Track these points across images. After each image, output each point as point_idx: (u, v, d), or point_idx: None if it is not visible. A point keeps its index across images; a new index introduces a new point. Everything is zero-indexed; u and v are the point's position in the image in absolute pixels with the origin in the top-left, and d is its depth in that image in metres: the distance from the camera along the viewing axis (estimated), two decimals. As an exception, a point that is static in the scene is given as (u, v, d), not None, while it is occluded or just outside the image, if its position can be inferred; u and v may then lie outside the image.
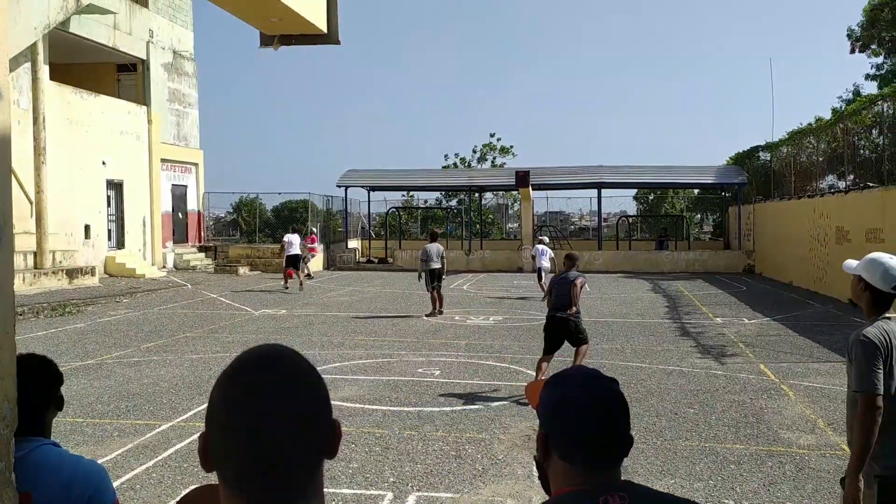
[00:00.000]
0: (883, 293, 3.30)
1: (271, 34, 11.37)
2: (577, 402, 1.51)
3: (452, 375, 9.65)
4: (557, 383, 1.58)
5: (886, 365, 3.19)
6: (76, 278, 21.34)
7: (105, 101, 25.07)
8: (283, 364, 1.14)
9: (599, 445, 1.49)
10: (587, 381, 1.56)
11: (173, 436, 7.00)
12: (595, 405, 1.50)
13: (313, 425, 1.11)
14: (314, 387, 1.14)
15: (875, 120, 19.54)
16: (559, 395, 1.54)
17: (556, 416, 1.53)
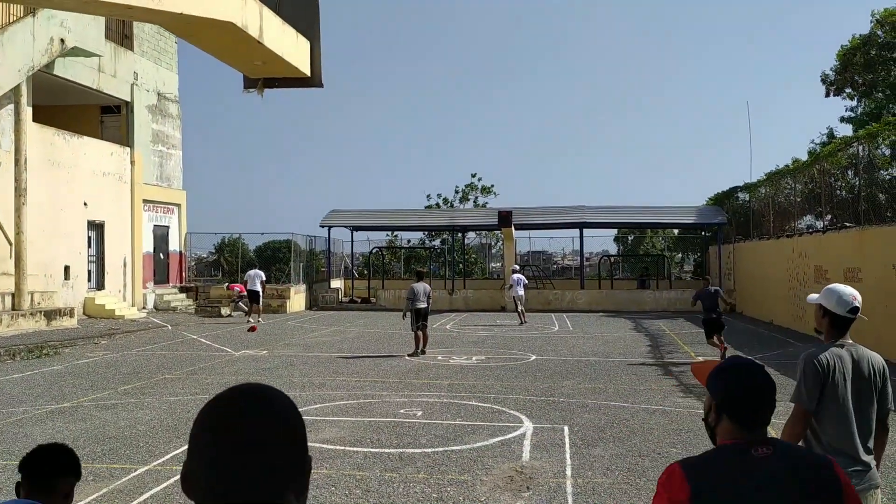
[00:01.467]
0: (839, 317, 3.71)
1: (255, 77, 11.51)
2: (743, 385, 2.21)
3: (435, 416, 9.58)
4: (729, 369, 2.28)
5: (822, 389, 3.57)
6: (54, 320, 21.09)
7: (88, 143, 25.06)
8: (259, 399, 1.20)
9: (753, 412, 2.18)
10: (748, 370, 2.25)
11: (149, 480, 6.88)
12: (754, 387, 2.20)
13: (283, 460, 1.16)
14: (289, 423, 1.19)
15: (850, 161, 19.92)
16: (731, 378, 2.24)
17: (727, 393, 2.23)
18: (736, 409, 2.19)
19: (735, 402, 2.20)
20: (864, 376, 3.65)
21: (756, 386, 2.19)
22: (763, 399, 2.18)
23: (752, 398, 2.18)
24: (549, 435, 8.54)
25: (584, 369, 13.61)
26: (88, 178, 24.73)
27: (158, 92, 29.20)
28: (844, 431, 3.60)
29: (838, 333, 3.74)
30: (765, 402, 2.18)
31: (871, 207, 17.85)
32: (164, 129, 29.67)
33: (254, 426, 1.17)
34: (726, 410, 2.21)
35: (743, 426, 2.17)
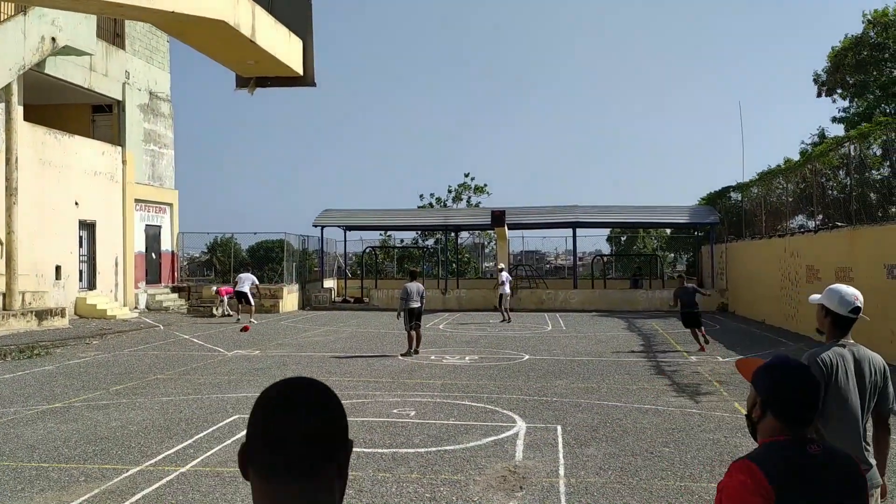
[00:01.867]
0: (841, 317, 3.75)
1: (248, 76, 11.48)
2: (790, 384, 2.29)
3: (428, 416, 9.57)
4: (777, 367, 2.36)
5: (826, 388, 3.57)
6: (46, 320, 21.00)
7: (79, 142, 24.96)
8: (307, 386, 1.43)
9: (801, 411, 2.26)
10: (796, 369, 2.33)
11: (142, 480, 6.85)
12: (801, 386, 2.28)
13: (325, 440, 1.38)
14: (332, 408, 1.41)
15: (842, 161, 20.01)
16: (778, 376, 2.33)
17: (774, 390, 2.31)
18: (783, 408, 2.29)
19: (783, 400, 2.29)
20: (866, 376, 3.69)
21: (804, 385, 2.29)
22: (810, 398, 2.28)
23: (799, 397, 2.28)
24: (542, 434, 8.54)
25: (577, 369, 13.63)
26: (80, 178, 24.63)
27: (150, 91, 29.11)
28: (847, 430, 3.65)
29: (840, 333, 3.77)
30: (812, 402, 2.29)
31: (863, 207, 17.93)
32: (156, 129, 29.58)
33: (303, 408, 1.38)
34: (772, 408, 2.31)
35: (788, 424, 2.27)
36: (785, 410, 2.28)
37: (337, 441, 1.39)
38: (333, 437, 1.39)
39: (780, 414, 2.28)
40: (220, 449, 7.89)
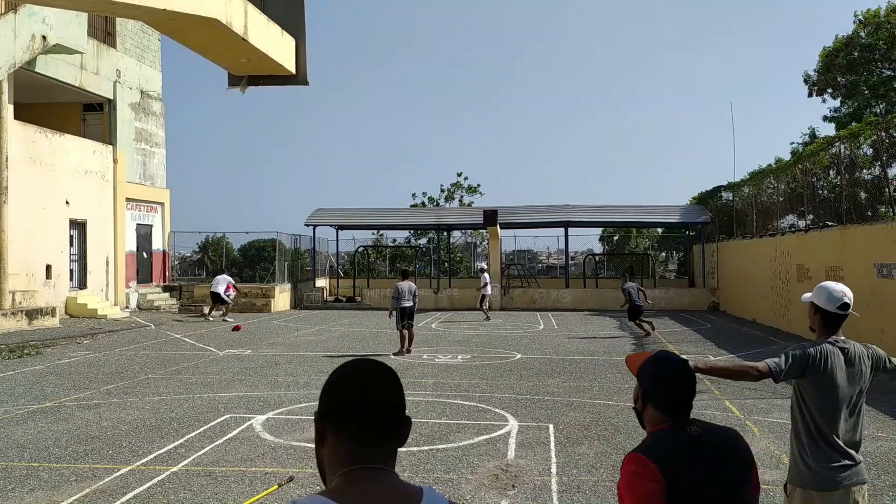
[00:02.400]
0: (830, 314, 3.79)
1: (240, 75, 11.44)
2: (667, 377, 2.53)
3: (420, 415, 9.57)
4: (656, 362, 2.59)
5: (802, 372, 3.71)
6: (36, 319, 20.90)
7: (70, 141, 24.85)
8: (385, 365, 1.66)
9: (679, 401, 2.50)
10: (672, 363, 2.58)
11: (133, 480, 6.83)
12: (676, 379, 2.52)
13: (402, 409, 1.64)
14: (399, 382, 1.66)
15: (832, 161, 20.10)
16: (656, 370, 2.56)
17: (653, 383, 2.55)
18: (661, 399, 2.52)
19: (660, 392, 2.52)
20: (856, 372, 3.73)
21: (679, 378, 2.53)
22: (684, 389, 2.52)
23: (675, 389, 2.51)
24: (534, 433, 8.56)
25: (569, 368, 13.65)
26: (70, 177, 24.52)
27: (141, 89, 29.00)
28: (834, 427, 3.69)
29: (830, 330, 3.81)
30: (686, 392, 2.52)
31: (853, 207, 18.02)
32: (148, 128, 29.46)
33: (386, 381, 1.62)
34: (652, 399, 2.55)
35: (667, 413, 2.51)
36: (662, 401, 2.51)
37: (406, 410, 1.65)
38: (405, 407, 1.64)
39: (658, 404, 2.52)
40: (212, 448, 7.87)
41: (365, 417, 1.57)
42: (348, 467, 1.55)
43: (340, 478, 1.55)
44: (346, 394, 1.59)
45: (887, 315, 14.21)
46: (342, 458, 1.57)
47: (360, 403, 1.57)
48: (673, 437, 2.44)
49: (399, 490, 1.55)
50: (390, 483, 1.56)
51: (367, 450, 1.57)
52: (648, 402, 2.56)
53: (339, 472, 1.56)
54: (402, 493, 1.55)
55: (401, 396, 1.63)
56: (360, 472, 1.55)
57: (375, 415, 1.57)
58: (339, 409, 1.59)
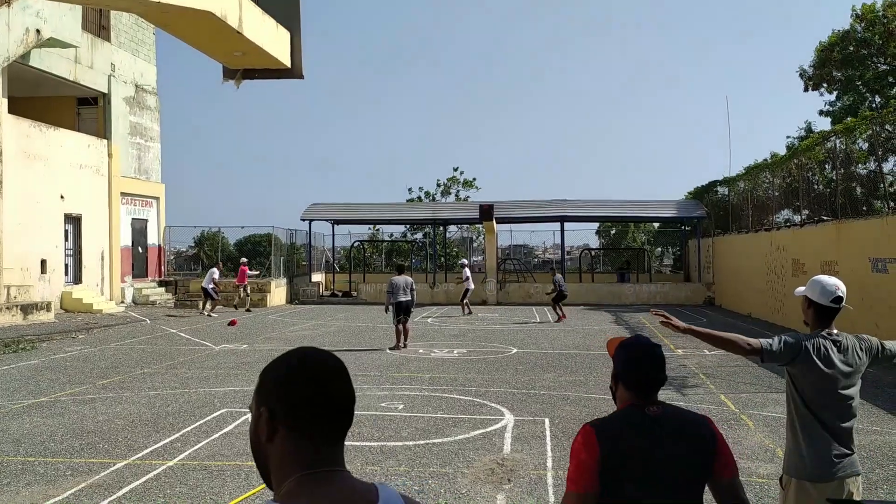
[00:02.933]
0: (823, 307, 3.82)
1: (234, 68, 11.41)
2: (637, 359, 2.67)
3: (416, 409, 9.58)
4: (628, 346, 2.74)
5: (793, 359, 3.73)
6: (31, 314, 20.85)
7: (64, 135, 24.76)
8: (335, 357, 1.59)
9: (645, 382, 2.65)
10: (642, 347, 2.70)
11: (129, 474, 6.82)
12: (646, 362, 2.66)
13: (351, 403, 1.56)
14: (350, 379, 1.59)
15: (827, 155, 20.13)
16: (627, 354, 2.71)
17: (623, 365, 2.70)
18: (629, 379, 2.68)
19: (629, 373, 2.69)
20: (850, 364, 3.75)
21: (648, 361, 2.67)
22: (652, 371, 2.66)
23: (643, 371, 2.66)
24: (530, 427, 8.57)
25: (565, 362, 13.67)
26: (65, 171, 24.44)
27: (136, 84, 28.89)
28: (827, 418, 3.72)
29: (823, 324, 3.84)
30: (651, 375, 2.66)
31: (848, 201, 18.06)
32: (142, 122, 29.37)
33: (340, 378, 1.54)
34: (623, 379, 2.71)
35: (636, 392, 2.66)
36: (630, 381, 2.68)
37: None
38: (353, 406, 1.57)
39: (627, 384, 2.69)
40: (208, 443, 7.87)
41: (324, 416, 1.48)
42: (305, 470, 1.47)
43: (297, 482, 1.46)
44: (302, 388, 1.49)
45: (882, 309, 14.25)
46: (297, 460, 1.48)
47: (318, 399, 1.48)
48: (629, 416, 2.62)
49: (357, 490, 1.49)
50: (348, 484, 1.49)
51: (324, 449, 1.49)
52: (619, 381, 2.73)
53: (294, 476, 1.47)
54: (361, 493, 1.49)
55: (353, 389, 1.56)
56: (320, 474, 1.47)
57: (334, 412, 1.50)
58: (294, 406, 1.48)
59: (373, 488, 1.52)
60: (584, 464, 2.54)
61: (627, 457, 2.51)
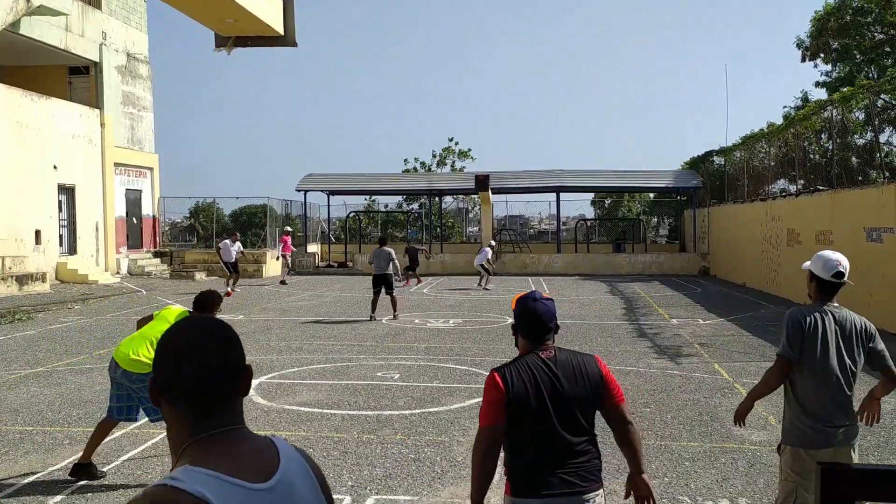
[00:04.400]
0: (825, 281, 3.94)
1: (226, 36, 11.29)
2: (528, 310, 3.15)
3: (412, 379, 9.64)
4: (521, 300, 3.20)
5: (804, 341, 3.86)
6: (26, 285, 20.83)
7: (56, 104, 24.53)
8: (214, 324, 1.62)
9: (535, 331, 3.15)
10: (535, 300, 3.17)
11: (126, 443, 6.87)
12: (535, 313, 3.14)
13: (236, 367, 1.58)
14: (235, 342, 1.61)
15: (824, 125, 20.07)
16: (522, 306, 3.17)
17: (518, 317, 3.18)
18: (523, 328, 3.16)
19: (523, 323, 3.16)
20: (847, 336, 3.85)
21: (536, 313, 3.13)
22: (539, 322, 3.13)
23: (533, 321, 3.13)
24: (525, 396, 8.62)
25: (561, 332, 13.63)
26: (58, 141, 24.26)
27: (128, 52, 28.57)
28: (827, 387, 3.84)
29: (825, 297, 3.96)
30: (539, 324, 3.13)
31: (844, 171, 18.05)
32: (135, 91, 29.10)
33: (212, 346, 1.55)
34: (519, 329, 3.19)
35: (529, 340, 3.15)
36: (524, 331, 3.15)
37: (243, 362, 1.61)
38: (241, 360, 1.60)
39: (523, 333, 3.16)
40: (205, 412, 7.91)
41: (196, 386, 1.51)
42: (196, 436, 1.50)
43: (195, 447, 1.49)
44: (171, 360, 1.53)
45: (876, 279, 14.31)
46: (184, 426, 1.52)
47: (187, 371, 1.51)
48: (526, 360, 3.09)
49: (255, 444, 1.54)
50: (244, 440, 1.54)
51: (209, 415, 1.51)
52: (517, 331, 3.21)
53: (186, 443, 1.51)
54: (259, 447, 1.54)
55: (234, 355, 1.57)
56: (213, 437, 1.50)
57: (210, 381, 1.52)
58: (169, 377, 1.53)
59: (270, 442, 1.58)
60: (494, 401, 3.01)
61: (528, 394, 2.99)
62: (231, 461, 1.47)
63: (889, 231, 14.00)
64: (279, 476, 1.51)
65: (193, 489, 1.38)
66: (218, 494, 1.40)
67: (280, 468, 1.52)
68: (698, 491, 5.68)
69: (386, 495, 5.59)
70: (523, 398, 2.99)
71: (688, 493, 5.65)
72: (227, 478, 1.44)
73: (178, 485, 1.38)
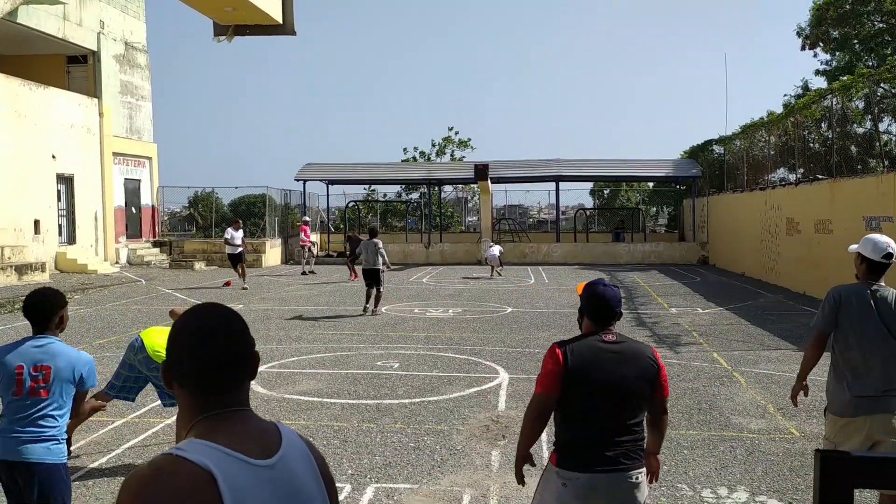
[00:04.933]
0: (875, 262, 4.22)
1: (225, 24, 11.24)
2: (597, 294, 3.38)
3: (411, 368, 9.66)
4: (591, 285, 3.46)
5: (839, 315, 4.18)
6: (26, 274, 20.82)
7: (54, 94, 24.46)
8: (225, 311, 1.70)
9: (604, 315, 3.36)
10: (604, 285, 3.42)
11: (127, 432, 6.90)
12: (603, 297, 3.36)
13: (245, 352, 1.66)
14: (244, 328, 1.68)
15: (824, 114, 20.03)
16: (590, 291, 3.42)
17: (586, 301, 3.41)
18: (591, 311, 3.39)
19: (590, 306, 3.39)
20: (889, 311, 4.12)
21: (604, 298, 3.35)
22: (607, 305, 3.35)
23: (601, 304, 3.36)
24: (524, 385, 8.65)
25: (560, 321, 13.75)
26: (56, 130, 24.19)
27: (126, 41, 28.45)
28: (866, 359, 4.14)
29: (874, 277, 4.25)
30: (606, 309, 3.35)
31: (843, 160, 18.03)
32: (133, 80, 29.00)
33: (221, 324, 1.64)
34: (585, 312, 3.42)
35: (595, 322, 3.37)
36: (591, 314, 3.39)
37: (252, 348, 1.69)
38: (250, 345, 1.68)
39: (588, 316, 3.40)
40: (205, 401, 7.93)
41: (204, 369, 1.60)
42: (202, 416, 1.58)
43: (202, 423, 1.57)
44: (182, 344, 1.62)
45: (874, 268, 14.33)
46: (192, 406, 1.61)
47: (196, 354, 1.60)
48: (588, 339, 3.32)
49: (259, 426, 1.62)
50: (249, 420, 1.61)
51: (217, 397, 1.60)
52: (584, 314, 3.44)
53: (195, 419, 1.59)
54: (263, 428, 1.62)
55: (243, 341, 1.65)
56: (219, 416, 1.58)
57: (216, 365, 1.60)
58: (178, 360, 1.61)
59: (273, 426, 1.65)
60: (551, 372, 3.24)
61: (584, 371, 3.20)
62: (235, 437, 1.54)
63: (888, 220, 14.00)
64: (280, 456, 1.57)
65: (197, 459, 1.45)
66: (220, 466, 1.45)
67: (281, 449, 1.58)
68: (697, 479, 5.71)
69: (386, 483, 5.62)
70: (579, 374, 3.21)
71: (686, 480, 5.68)
72: (230, 451, 1.50)
73: (182, 454, 1.44)
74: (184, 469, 1.42)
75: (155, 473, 1.43)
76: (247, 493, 1.47)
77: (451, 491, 5.49)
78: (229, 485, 1.44)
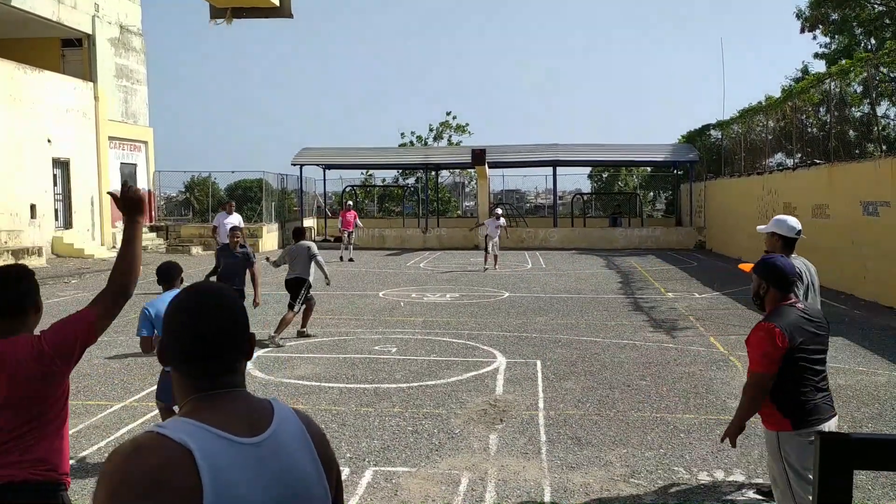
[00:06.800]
0: (789, 238, 4.95)
1: (222, 7, 11.15)
2: (779, 267, 3.86)
3: (409, 352, 9.68)
4: (766, 261, 3.94)
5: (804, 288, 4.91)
6: (22, 259, 20.76)
7: (49, 77, 24.30)
8: (218, 291, 1.70)
9: (789, 283, 3.85)
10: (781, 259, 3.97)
11: (126, 416, 6.91)
12: (785, 269, 3.86)
13: (237, 332, 1.67)
14: (238, 309, 1.69)
15: (822, 98, 19.98)
16: (770, 266, 3.90)
17: (771, 272, 3.86)
18: (778, 282, 3.84)
19: (775, 278, 3.83)
20: (812, 280, 5.09)
21: (785, 267, 3.84)
22: (792, 273, 3.89)
23: (784, 274, 3.83)
24: (521, 369, 8.68)
25: (557, 306, 13.77)
26: (51, 114, 24.06)
27: (121, 24, 28.25)
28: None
29: (789, 252, 4.90)
30: (793, 276, 3.90)
31: (841, 144, 18.01)
32: (128, 64, 28.82)
33: (215, 310, 1.65)
34: (773, 283, 3.84)
35: (783, 291, 3.86)
36: (778, 284, 3.83)
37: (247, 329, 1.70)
38: (243, 326, 1.69)
39: (777, 286, 3.84)
40: (203, 385, 7.94)
41: (197, 347, 1.61)
42: (197, 393, 1.61)
43: (192, 403, 1.60)
44: (177, 322, 1.64)
45: (871, 252, 14.36)
46: (187, 384, 1.63)
47: (190, 332, 1.62)
48: (789, 311, 3.77)
49: (253, 405, 1.63)
50: (240, 399, 1.63)
51: (212, 375, 1.62)
52: (770, 286, 3.85)
53: (188, 398, 1.61)
54: (254, 407, 1.62)
55: (237, 320, 1.67)
56: (213, 394, 1.60)
57: (209, 344, 1.61)
58: (174, 338, 1.64)
59: (268, 403, 1.65)
60: (773, 353, 3.65)
61: (803, 340, 3.70)
62: (222, 416, 1.56)
63: (885, 204, 14.01)
64: (269, 433, 1.57)
65: (177, 436, 1.47)
66: (201, 443, 1.47)
67: (272, 427, 1.59)
68: (693, 462, 5.74)
69: (384, 467, 5.64)
70: (800, 345, 3.69)
71: (683, 464, 5.71)
72: (214, 429, 1.51)
73: (163, 431, 1.47)
74: (163, 445, 1.45)
75: (135, 449, 1.46)
76: (229, 471, 1.47)
77: (449, 474, 5.52)
78: (208, 462, 1.45)
